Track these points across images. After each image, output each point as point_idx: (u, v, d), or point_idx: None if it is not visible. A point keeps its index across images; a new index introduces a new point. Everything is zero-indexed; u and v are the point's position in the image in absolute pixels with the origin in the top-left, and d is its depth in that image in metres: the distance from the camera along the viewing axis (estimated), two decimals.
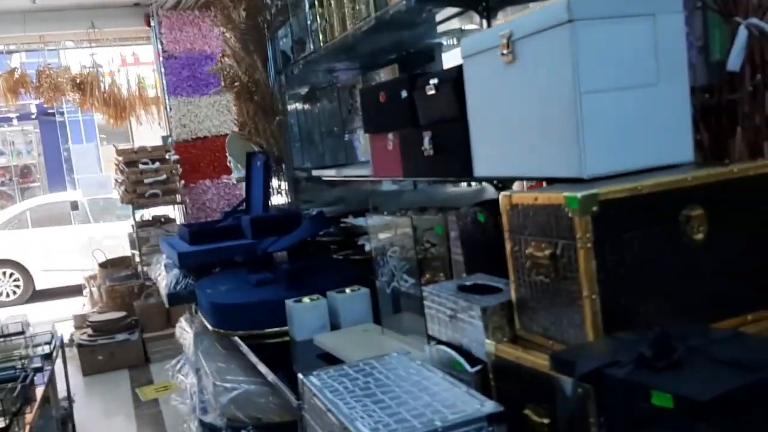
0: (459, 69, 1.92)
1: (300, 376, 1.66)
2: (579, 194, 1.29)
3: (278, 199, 4.24)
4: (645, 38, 1.50)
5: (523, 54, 1.62)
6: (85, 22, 8.05)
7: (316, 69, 3.69)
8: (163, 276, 3.57)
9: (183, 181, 7.61)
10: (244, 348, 2.49)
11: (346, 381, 1.57)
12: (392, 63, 3.43)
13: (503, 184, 2.15)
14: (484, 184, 2.61)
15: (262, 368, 2.25)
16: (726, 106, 1.66)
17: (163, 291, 3.42)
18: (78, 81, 8.13)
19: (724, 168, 1.40)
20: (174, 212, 8.29)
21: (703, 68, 1.72)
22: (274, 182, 4.11)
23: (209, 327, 2.78)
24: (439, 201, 2.82)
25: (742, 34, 1.60)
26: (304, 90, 4.03)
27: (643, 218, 1.33)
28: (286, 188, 3.76)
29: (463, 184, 2.95)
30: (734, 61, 1.59)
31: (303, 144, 3.97)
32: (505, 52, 1.65)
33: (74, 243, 10.10)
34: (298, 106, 4.01)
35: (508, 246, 1.53)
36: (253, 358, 2.36)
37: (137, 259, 7.33)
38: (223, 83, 3.80)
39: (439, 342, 1.79)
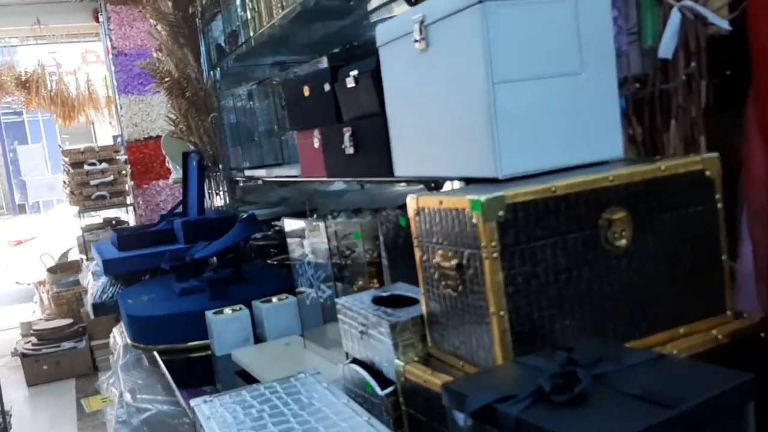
0: (378, 59, 1.75)
1: (192, 402, 1.48)
2: (483, 197, 1.13)
3: (222, 201, 4.04)
4: (565, 21, 1.35)
5: (435, 40, 1.45)
6: (30, 18, 7.72)
7: (255, 63, 3.50)
8: (92, 284, 3.35)
9: (134, 183, 7.34)
10: (161, 364, 2.29)
11: (238, 409, 1.40)
12: (336, 58, 3.26)
13: (436, 183, 1.99)
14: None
15: (174, 387, 2.06)
16: (660, 96, 1.52)
17: (89, 300, 3.21)
18: (24, 80, 7.80)
19: (651, 165, 1.25)
20: (127, 215, 8.02)
21: (636, 56, 1.57)
22: (218, 184, 3.91)
23: (128, 341, 2.58)
24: (382, 202, 2.66)
25: (675, 17, 1.46)
26: (243, 86, 3.84)
27: (558, 223, 1.18)
28: (224, 189, 3.56)
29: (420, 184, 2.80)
30: (666, 47, 1.44)
31: (243, 143, 3.77)
32: (417, 38, 1.49)
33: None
34: (238, 102, 3.82)
35: (417, 255, 1.37)
36: (168, 376, 2.17)
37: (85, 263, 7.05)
38: (155, 79, 3.59)
39: (354, 360, 1.62)
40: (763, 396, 0.98)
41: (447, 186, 2.00)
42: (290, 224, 2.03)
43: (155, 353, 2.39)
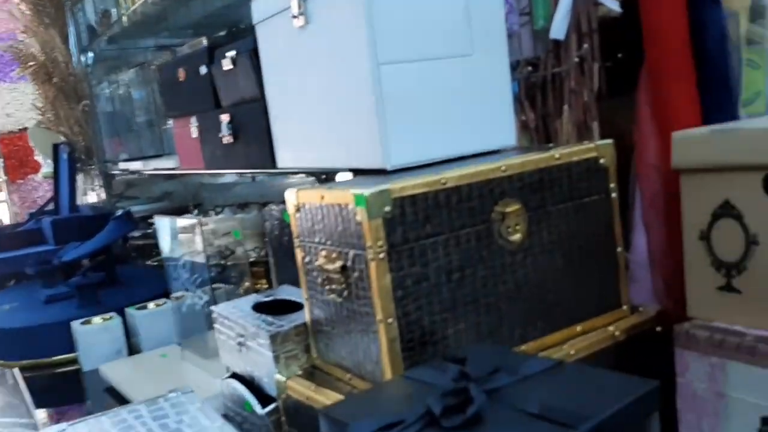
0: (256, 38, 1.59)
1: None
2: (367, 192, 1.00)
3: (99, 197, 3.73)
4: None
5: (315, 16, 1.31)
6: None
7: (135, 47, 3.23)
8: None
9: (8, 178, 6.74)
10: (20, 382, 2.04)
11: None
12: (218, 40, 3.04)
13: (327, 175, 1.85)
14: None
15: (32, 410, 1.83)
16: (552, 80, 1.45)
17: None
18: None
19: (545, 153, 1.17)
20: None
21: (528, 38, 1.50)
22: (93, 178, 3.60)
23: None
24: (274, 195, 2.49)
25: None
26: (123, 71, 3.54)
27: (450, 218, 1.07)
28: (100, 184, 3.27)
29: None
30: (558, 27, 1.37)
31: (122, 133, 3.48)
32: (295, 13, 1.34)
33: None
34: (116, 90, 3.52)
35: (298, 256, 1.23)
36: (26, 396, 1.92)
37: None
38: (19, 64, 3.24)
39: (233, 374, 1.47)
40: (663, 390, 0.93)
41: (340, 177, 1.86)
42: (162, 223, 1.84)
43: (15, 370, 2.12)
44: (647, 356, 1.25)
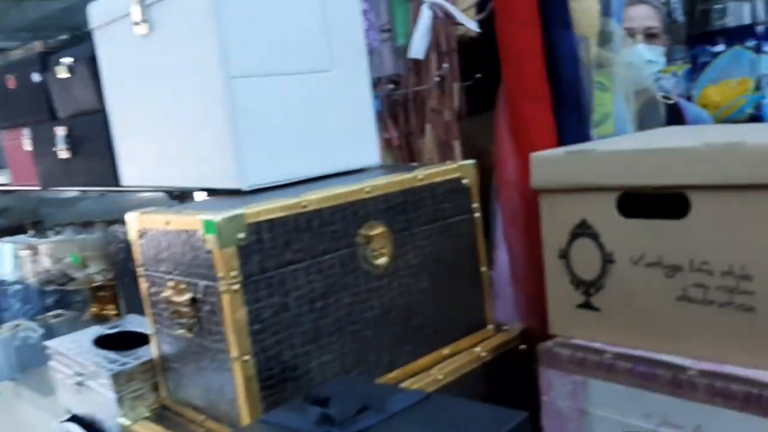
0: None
1: None
2: (217, 217, 0.91)
3: None
4: (312, 10, 1.18)
5: (160, 24, 1.20)
6: None
7: None
8: None
9: None
10: None
11: None
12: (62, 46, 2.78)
13: (182, 192, 1.71)
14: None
15: None
16: (414, 99, 1.42)
17: None
18: None
19: (408, 174, 1.14)
20: None
21: (389, 55, 1.47)
22: None
23: None
24: (124, 211, 2.30)
25: (426, 15, 1.37)
26: None
27: (310, 243, 1.00)
28: None
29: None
30: (417, 46, 1.35)
31: None
32: (137, 20, 1.22)
33: None
34: None
35: (142, 287, 1.11)
36: None
37: None
38: None
39: (72, 417, 1.31)
40: (528, 407, 0.92)
41: (199, 196, 1.74)
42: None
43: None
44: (514, 375, 1.25)
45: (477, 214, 1.23)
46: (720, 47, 2.32)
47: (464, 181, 1.21)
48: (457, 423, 0.77)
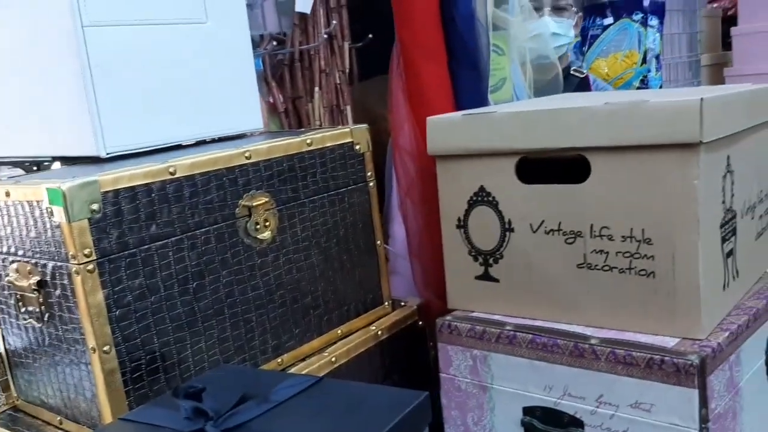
0: None
1: None
2: (65, 185, 0.77)
3: None
4: None
5: None
6: None
7: None
8: None
9: None
10: None
11: None
12: None
13: (38, 166, 1.51)
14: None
15: None
16: (300, 59, 1.31)
17: None
18: None
19: (295, 138, 1.03)
20: None
21: (272, 11, 1.34)
22: None
23: None
24: None
25: None
26: None
27: (181, 216, 0.88)
28: None
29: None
30: (303, 0, 1.24)
31: None
32: None
33: None
34: None
35: None
36: None
37: None
38: None
39: None
40: (428, 386, 0.85)
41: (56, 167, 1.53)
42: None
43: None
44: (412, 353, 1.19)
45: (372, 183, 1.15)
46: (609, 19, 2.35)
47: (357, 147, 1.11)
48: (352, 408, 0.69)
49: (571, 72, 1.91)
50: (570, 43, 1.78)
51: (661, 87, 2.38)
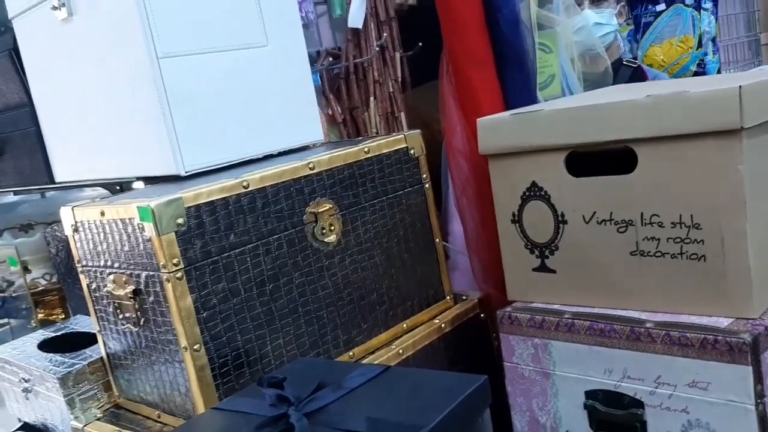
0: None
1: None
2: (153, 202, 0.87)
3: None
4: None
5: (80, 5, 1.14)
6: None
7: None
8: None
9: None
10: None
11: None
12: None
13: (121, 186, 1.64)
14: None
15: None
16: (355, 71, 1.39)
17: None
18: None
19: (354, 147, 1.11)
20: None
21: (326, 28, 1.43)
22: None
23: None
24: None
25: None
26: None
27: (255, 225, 0.97)
28: None
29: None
30: (355, 16, 1.32)
31: None
32: (56, 4, 1.16)
33: None
34: None
35: (83, 282, 1.06)
36: None
37: None
38: None
39: (24, 425, 1.25)
40: (491, 374, 0.91)
41: (138, 186, 1.67)
42: None
43: None
44: (475, 344, 1.24)
45: (427, 185, 1.21)
46: (661, 6, 2.34)
47: (411, 152, 1.18)
48: (417, 392, 0.75)
49: (624, 63, 1.93)
50: (615, 32, 1.80)
51: (719, 70, 2.35)
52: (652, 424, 0.96)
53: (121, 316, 0.99)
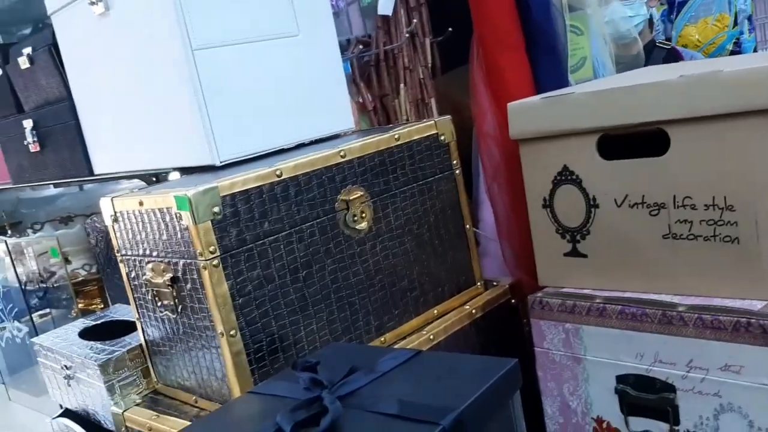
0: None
1: None
2: (190, 192, 0.89)
3: None
4: None
5: (116, 1, 1.16)
6: None
7: None
8: None
9: None
10: None
11: None
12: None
13: (157, 177, 1.68)
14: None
15: None
16: (385, 59, 1.39)
17: None
18: None
19: (384, 135, 1.11)
20: None
21: (356, 16, 1.43)
22: None
23: None
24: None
25: None
26: None
27: (288, 212, 0.98)
28: None
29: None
30: (385, 3, 1.32)
31: None
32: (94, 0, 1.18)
33: None
34: None
35: (122, 271, 1.09)
36: None
37: None
38: None
39: (66, 411, 1.29)
40: (524, 362, 0.91)
41: (172, 178, 1.70)
42: None
43: None
44: (506, 329, 1.25)
45: (458, 171, 1.21)
46: None
47: (442, 138, 1.18)
48: (448, 375, 0.76)
49: (657, 44, 1.90)
50: (645, 20, 1.77)
51: (755, 49, 2.30)
52: (684, 408, 0.95)
53: (159, 304, 1.02)
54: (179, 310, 0.98)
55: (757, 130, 0.87)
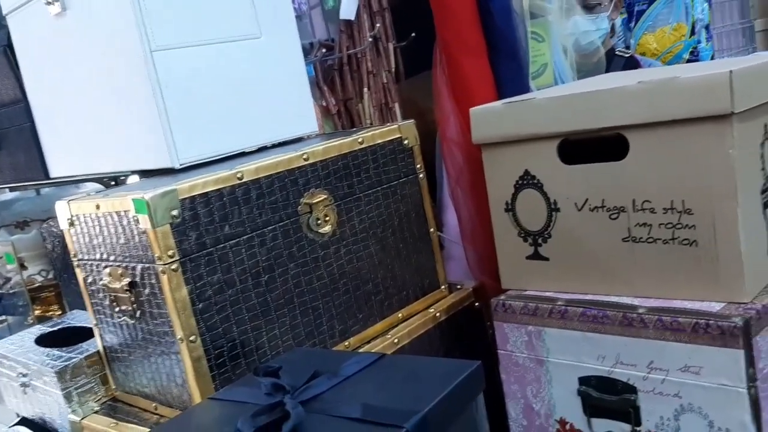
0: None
1: None
2: (147, 195, 0.87)
3: None
4: None
5: (73, 1, 1.14)
6: None
7: None
8: None
9: None
10: None
11: None
12: None
13: (116, 180, 1.65)
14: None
15: None
16: (349, 62, 1.39)
17: None
18: None
19: (347, 138, 1.11)
20: None
21: (319, 19, 1.43)
22: None
23: None
24: None
25: None
26: None
27: (250, 216, 0.97)
28: None
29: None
30: (347, 8, 1.32)
31: None
32: None
33: None
34: None
35: (79, 276, 1.06)
36: None
37: None
38: None
39: (22, 420, 1.26)
40: (485, 362, 0.91)
41: (131, 181, 1.67)
42: None
43: None
44: (470, 332, 1.25)
45: (421, 175, 1.21)
46: None
47: (405, 142, 1.18)
48: (412, 378, 0.76)
49: (616, 53, 1.93)
50: (606, 33, 1.79)
51: (712, 57, 2.36)
52: (645, 409, 0.97)
53: (117, 309, 1.00)
54: (138, 315, 0.96)
55: (713, 135, 0.89)
